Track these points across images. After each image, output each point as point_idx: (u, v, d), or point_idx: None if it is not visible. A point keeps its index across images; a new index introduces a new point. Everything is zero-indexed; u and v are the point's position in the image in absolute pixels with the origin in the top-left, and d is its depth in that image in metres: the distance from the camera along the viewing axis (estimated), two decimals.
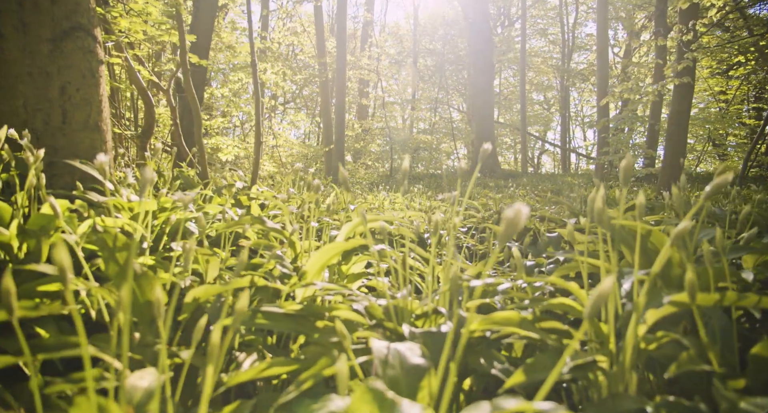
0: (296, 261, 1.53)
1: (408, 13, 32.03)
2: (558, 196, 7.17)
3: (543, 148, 28.98)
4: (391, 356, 0.71)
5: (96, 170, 1.83)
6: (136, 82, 3.24)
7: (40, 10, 1.75)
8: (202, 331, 0.65)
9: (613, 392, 0.81)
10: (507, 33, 24.97)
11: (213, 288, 1.02)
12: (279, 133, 16.76)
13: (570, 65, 22.44)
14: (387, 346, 0.73)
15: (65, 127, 1.86)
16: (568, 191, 7.31)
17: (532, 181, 12.01)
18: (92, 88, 1.88)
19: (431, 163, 19.15)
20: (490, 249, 2.15)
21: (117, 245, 1.00)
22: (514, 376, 0.70)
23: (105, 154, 1.97)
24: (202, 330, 0.67)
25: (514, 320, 0.82)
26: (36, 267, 0.93)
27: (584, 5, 22.50)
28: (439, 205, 4.00)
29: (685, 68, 5.23)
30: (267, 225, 1.44)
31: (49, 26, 1.77)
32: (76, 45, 1.82)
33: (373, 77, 17.92)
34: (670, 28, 10.29)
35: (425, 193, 6.81)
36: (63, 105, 1.83)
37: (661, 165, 6.60)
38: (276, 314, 0.97)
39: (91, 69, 1.87)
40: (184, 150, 3.33)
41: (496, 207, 3.75)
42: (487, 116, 15.34)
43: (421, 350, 0.74)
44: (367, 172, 14.64)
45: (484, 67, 15.13)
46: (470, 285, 1.09)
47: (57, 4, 1.76)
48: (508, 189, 8.98)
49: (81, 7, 1.82)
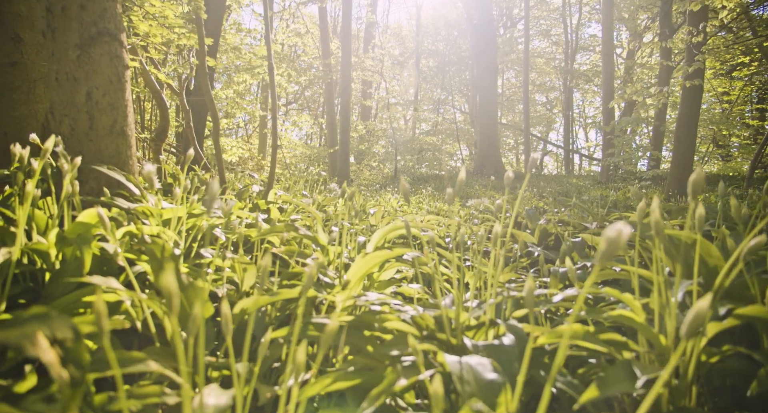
0: (328, 267, 1.52)
1: (411, 14, 32.03)
2: (567, 198, 7.16)
3: (545, 149, 28.95)
4: (465, 371, 0.71)
5: (122, 175, 1.83)
6: (150, 84, 3.23)
7: (69, 15, 1.74)
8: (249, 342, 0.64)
9: (678, 406, 0.80)
10: (509, 34, 24.98)
11: (263, 299, 1.01)
12: (282, 134, 16.77)
13: (573, 66, 22.42)
14: (459, 361, 0.73)
15: (92, 133, 1.85)
16: (575, 193, 7.30)
17: (535, 182, 12.00)
18: (118, 92, 1.88)
19: (434, 164, 19.14)
20: (516, 255, 2.14)
21: (165, 255, 0.99)
22: (588, 391, 0.70)
23: (131, 160, 1.97)
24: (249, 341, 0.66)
25: (579, 333, 0.81)
26: (89, 280, 0.92)
27: (587, 6, 22.49)
28: (455, 210, 3.99)
29: (695, 70, 5.22)
30: (301, 233, 1.43)
31: (77, 31, 1.76)
32: (103, 50, 1.82)
33: (376, 78, 17.92)
34: (675, 29, 10.28)
35: (433, 194, 6.80)
36: (90, 110, 1.83)
37: (670, 166, 6.58)
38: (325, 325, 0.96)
39: (117, 74, 1.86)
40: (198, 153, 3.32)
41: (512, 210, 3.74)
42: (491, 117, 15.33)
43: (492, 365, 0.73)
44: (371, 174, 14.63)
45: (487, 69, 15.12)
46: (512, 295, 1.08)
47: (85, 10, 1.75)
48: (514, 190, 8.96)
49: (108, 12, 1.81)
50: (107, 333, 0.52)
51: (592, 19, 22.66)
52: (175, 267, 0.99)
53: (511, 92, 28.10)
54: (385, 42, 23.01)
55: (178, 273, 1.01)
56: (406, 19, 34.65)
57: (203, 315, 1.02)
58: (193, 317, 0.61)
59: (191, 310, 1.02)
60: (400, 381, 0.77)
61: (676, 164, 6.40)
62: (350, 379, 0.80)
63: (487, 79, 15.25)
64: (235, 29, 11.89)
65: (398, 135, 17.66)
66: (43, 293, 1.22)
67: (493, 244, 1.23)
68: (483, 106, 15.30)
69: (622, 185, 8.72)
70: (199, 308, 0.66)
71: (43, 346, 0.48)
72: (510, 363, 0.78)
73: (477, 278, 1.70)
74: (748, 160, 17.50)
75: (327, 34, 12.65)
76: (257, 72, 11.14)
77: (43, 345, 0.48)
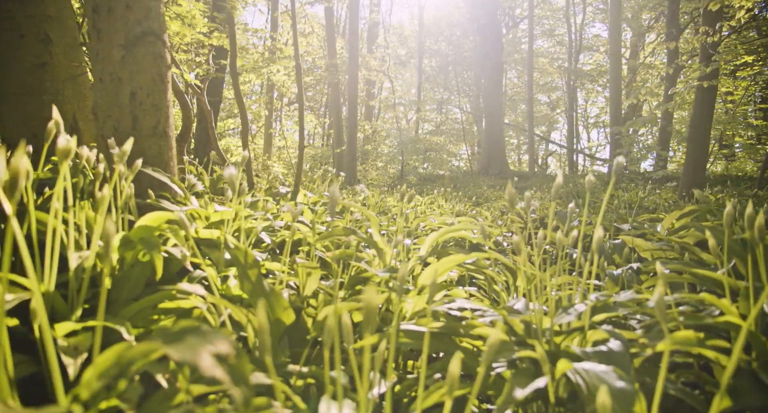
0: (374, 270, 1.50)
1: (413, 14, 32.03)
2: (578, 198, 7.14)
3: (547, 149, 28.95)
4: (594, 379, 0.69)
5: (167, 177, 1.81)
6: (174, 84, 3.20)
7: (115, 15, 1.72)
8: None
9: None
10: (512, 34, 24.98)
11: (347, 305, 0.99)
12: (286, 134, 16.75)
13: (577, 66, 22.41)
14: (584, 369, 0.71)
15: (135, 133, 1.83)
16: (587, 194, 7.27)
17: (543, 182, 11.98)
18: (161, 93, 1.86)
19: (438, 164, 19.13)
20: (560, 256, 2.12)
21: (249, 261, 0.97)
22: (721, 401, 0.68)
23: (172, 161, 1.95)
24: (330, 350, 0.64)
25: (692, 339, 0.79)
26: (179, 287, 0.90)
27: (591, 6, 22.48)
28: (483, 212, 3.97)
29: (712, 71, 5.21)
30: (360, 236, 1.41)
31: (122, 32, 1.74)
32: (147, 50, 1.80)
33: (380, 78, 17.90)
34: (682, 29, 10.27)
35: (444, 195, 6.78)
36: (133, 111, 1.81)
37: (683, 167, 6.56)
38: (419, 333, 0.95)
39: (160, 74, 1.85)
40: (221, 155, 3.29)
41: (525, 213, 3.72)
42: (496, 117, 15.32)
43: (616, 373, 0.71)
44: (377, 174, 14.62)
45: (492, 70, 15.12)
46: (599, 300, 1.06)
47: (131, 10, 1.73)
48: (521, 191, 8.94)
49: (152, 11, 1.79)
50: (269, 350, 0.50)
51: (596, 18, 22.65)
52: (258, 274, 0.97)
53: (513, 92, 28.10)
54: (388, 42, 22.99)
55: (260, 279, 0.99)
56: (408, 19, 34.64)
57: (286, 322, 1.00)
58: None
59: (274, 316, 1.00)
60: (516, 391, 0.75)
61: (689, 165, 6.39)
62: (462, 388, 0.78)
63: (493, 79, 15.24)
64: (242, 29, 11.86)
65: (403, 135, 17.65)
66: (110, 298, 1.20)
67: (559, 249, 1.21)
68: (488, 106, 15.29)
69: (632, 185, 8.70)
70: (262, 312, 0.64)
71: (210, 364, 0.46)
72: (626, 370, 0.76)
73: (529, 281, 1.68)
74: (751, 160, 17.51)
75: (333, 34, 12.63)
76: (263, 72, 11.11)
77: (210, 362, 0.46)
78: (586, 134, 31.01)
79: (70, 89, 2.79)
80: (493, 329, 0.98)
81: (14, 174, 0.48)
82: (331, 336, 0.63)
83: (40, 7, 2.59)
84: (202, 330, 0.50)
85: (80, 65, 2.77)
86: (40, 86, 2.63)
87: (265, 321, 0.48)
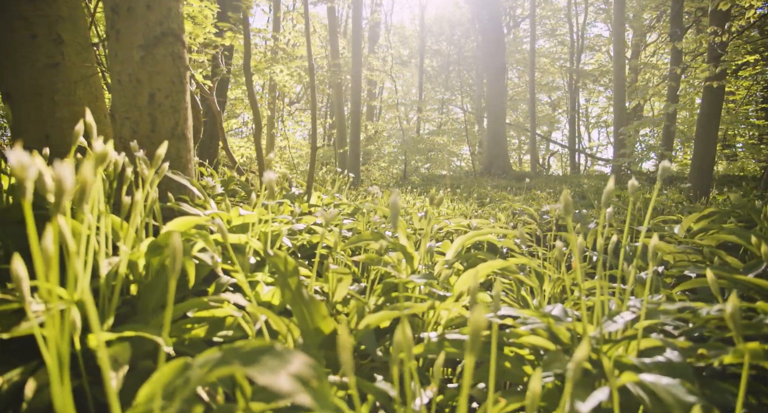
0: (410, 276, 1.48)
1: (414, 14, 32.01)
2: (585, 199, 7.12)
3: (549, 149, 28.92)
4: (662, 392, 0.66)
5: (186, 180, 1.78)
6: None
7: (135, 16, 1.70)
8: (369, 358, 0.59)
9: None
10: (513, 34, 24.96)
11: (388, 314, 0.96)
12: (288, 134, 16.71)
13: (579, 66, 22.39)
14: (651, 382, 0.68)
15: (153, 136, 1.80)
16: (593, 194, 7.26)
17: (546, 182, 11.96)
18: (180, 94, 1.83)
19: (441, 164, 19.10)
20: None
21: (289, 269, 0.95)
22: None
23: (190, 163, 1.92)
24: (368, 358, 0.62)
25: (759, 351, 0.77)
26: (222, 298, 0.87)
27: (593, 6, 22.45)
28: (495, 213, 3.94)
29: (720, 71, 5.18)
30: (389, 241, 1.39)
31: (141, 32, 1.72)
32: (167, 51, 1.77)
33: (382, 77, 17.87)
34: (686, 29, 10.25)
35: (451, 195, 6.76)
36: (152, 112, 1.78)
37: (690, 167, 6.54)
38: (463, 341, 0.92)
39: (179, 75, 1.82)
40: (231, 156, 3.27)
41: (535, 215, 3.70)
42: (499, 117, 15.29)
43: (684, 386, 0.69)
44: (381, 174, 14.60)
45: (495, 70, 15.09)
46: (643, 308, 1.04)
47: (151, 10, 1.71)
48: (526, 191, 8.92)
49: (172, 12, 1.76)
50: (352, 370, 0.48)
51: (598, 18, 22.62)
52: (298, 282, 0.94)
53: (514, 92, 28.07)
54: (391, 42, 22.96)
55: (300, 287, 0.97)
56: (409, 19, 34.63)
57: (325, 331, 0.97)
58: (341, 344, 0.56)
59: (313, 325, 0.97)
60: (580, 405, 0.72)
61: (696, 165, 6.37)
62: (519, 401, 0.76)
63: (495, 79, 15.21)
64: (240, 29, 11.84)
65: (405, 135, 17.62)
66: (138, 305, 1.18)
67: (600, 253, 1.19)
68: (490, 106, 15.27)
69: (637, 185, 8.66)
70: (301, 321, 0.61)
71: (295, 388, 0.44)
72: (691, 382, 0.74)
73: (556, 285, 1.65)
74: (753, 160, 17.48)
75: (336, 34, 12.60)
76: (265, 72, 11.09)
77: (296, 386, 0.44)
78: (587, 134, 30.99)
79: (81, 90, 2.76)
80: (539, 338, 0.96)
81: (83, 184, 0.45)
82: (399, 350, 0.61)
83: (53, 7, 2.55)
84: (276, 350, 0.47)
85: (92, 66, 2.74)
86: (53, 87, 2.60)
87: (346, 340, 0.46)
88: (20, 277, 0.52)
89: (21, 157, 0.49)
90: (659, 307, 0.93)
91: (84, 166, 0.45)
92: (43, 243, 0.51)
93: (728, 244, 2.39)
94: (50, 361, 0.52)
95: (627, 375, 0.70)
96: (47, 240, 0.53)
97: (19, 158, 0.49)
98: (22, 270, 0.52)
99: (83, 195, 0.44)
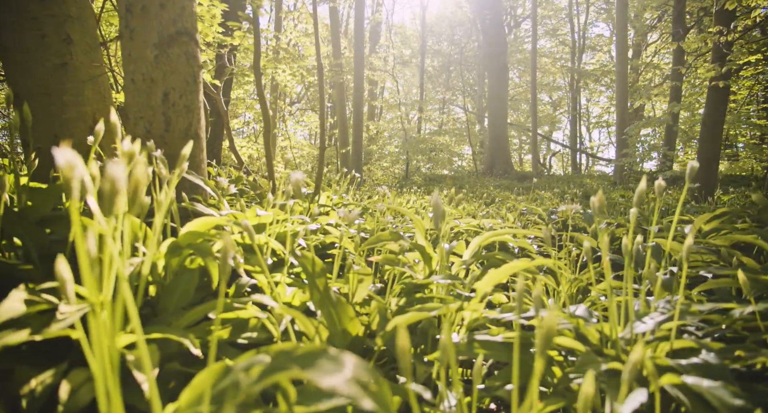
0: (432, 277, 1.47)
1: (415, 14, 32.01)
2: (585, 199, 7.11)
3: (550, 149, 28.91)
4: (709, 395, 0.65)
5: (200, 180, 1.77)
6: None
7: (149, 14, 1.69)
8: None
9: None
10: (514, 34, 24.95)
11: (417, 315, 0.95)
12: (290, 134, 16.69)
13: (580, 66, 22.39)
14: (695, 384, 0.67)
15: (167, 135, 1.79)
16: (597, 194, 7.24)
17: (549, 182, 11.95)
18: (193, 94, 1.82)
19: (442, 164, 19.09)
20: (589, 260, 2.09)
21: (316, 270, 0.94)
22: None
23: (203, 163, 1.91)
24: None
25: None
26: (261, 300, 0.86)
27: (594, 5, 22.45)
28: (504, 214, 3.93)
29: (726, 71, 5.17)
30: (408, 242, 1.38)
31: (155, 31, 1.71)
32: (180, 50, 1.76)
33: (383, 77, 17.87)
34: (689, 29, 10.24)
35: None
36: (166, 112, 1.77)
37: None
38: (494, 343, 0.91)
39: (193, 74, 1.81)
40: (239, 157, 3.26)
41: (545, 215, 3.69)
42: (501, 117, 15.29)
43: (728, 389, 0.68)
44: (383, 174, 14.59)
45: (497, 70, 15.09)
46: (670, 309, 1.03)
47: (165, 9, 1.70)
48: (528, 191, 8.91)
49: (186, 10, 1.76)
50: (410, 374, 0.47)
51: (600, 18, 22.61)
52: (326, 283, 0.93)
53: (515, 92, 28.06)
54: (393, 42, 22.96)
55: (328, 288, 0.96)
56: (410, 19, 34.64)
57: (352, 332, 0.96)
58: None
59: (340, 326, 0.96)
60: (619, 407, 0.71)
61: (701, 165, 6.36)
62: (556, 403, 0.75)
63: (497, 79, 15.21)
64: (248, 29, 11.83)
65: (407, 135, 17.61)
66: (158, 307, 1.17)
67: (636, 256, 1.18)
68: (492, 106, 15.26)
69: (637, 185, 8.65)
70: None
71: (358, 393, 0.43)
72: (732, 384, 0.73)
73: (573, 286, 1.64)
74: (755, 160, 17.46)
75: (338, 34, 12.60)
76: (267, 72, 11.08)
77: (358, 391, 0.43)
78: (588, 134, 30.98)
79: (90, 90, 2.75)
80: (571, 340, 0.95)
81: (135, 185, 0.44)
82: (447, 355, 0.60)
83: (62, 7, 2.54)
84: (331, 353, 0.47)
85: (100, 66, 2.74)
86: (61, 87, 2.59)
87: (405, 343, 0.45)
88: (65, 279, 0.51)
89: (69, 157, 0.48)
90: (691, 308, 0.92)
91: (138, 167, 0.44)
92: (86, 245, 0.50)
93: (740, 245, 2.38)
94: (95, 367, 0.51)
95: (668, 376, 0.69)
96: (90, 242, 0.52)
97: (67, 157, 0.48)
98: (67, 272, 0.51)
99: (136, 195, 0.43)
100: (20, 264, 1.03)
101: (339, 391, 0.40)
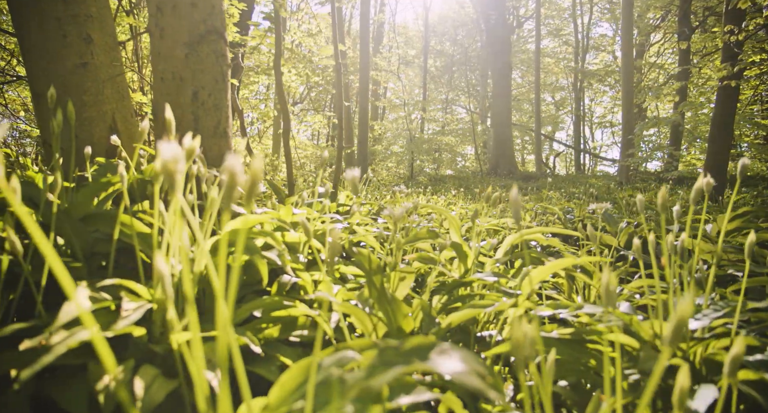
0: (467, 276, 1.47)
1: (417, 14, 32.03)
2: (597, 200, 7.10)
3: (553, 149, 28.89)
4: None
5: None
6: None
7: (180, 14, 1.69)
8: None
9: None
10: (517, 34, 24.93)
11: (470, 312, 0.95)
12: (294, 134, 16.71)
13: (583, 66, 22.37)
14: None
15: (196, 134, 1.79)
16: (605, 194, 7.24)
17: (554, 182, 11.94)
18: (222, 92, 1.82)
19: (447, 164, 19.08)
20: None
21: (373, 267, 0.94)
22: None
23: None
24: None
25: None
26: (325, 298, 0.86)
27: (597, 5, 22.43)
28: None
29: (738, 70, 5.16)
30: (444, 240, 1.38)
31: (186, 30, 1.71)
32: (210, 48, 1.76)
33: (388, 77, 17.87)
34: (695, 29, 10.23)
35: (463, 195, 6.74)
36: (195, 111, 1.77)
37: (703, 167, 6.52)
38: (550, 339, 0.91)
39: (222, 73, 1.81)
40: (253, 155, 3.26)
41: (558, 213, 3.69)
42: (505, 117, 15.28)
43: None
44: (388, 174, 14.60)
45: (502, 70, 15.08)
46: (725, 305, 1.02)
47: (196, 8, 1.70)
48: (535, 191, 8.91)
49: (216, 9, 1.75)
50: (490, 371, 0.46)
51: (603, 18, 22.59)
52: (382, 280, 0.93)
53: (518, 92, 28.04)
54: (398, 42, 22.96)
55: (383, 286, 0.96)
56: (413, 20, 34.67)
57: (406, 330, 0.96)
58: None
59: (396, 324, 0.96)
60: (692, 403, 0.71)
61: (709, 164, 6.35)
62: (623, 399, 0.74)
63: (501, 79, 15.20)
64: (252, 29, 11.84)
65: (406, 135, 17.61)
66: (204, 305, 1.17)
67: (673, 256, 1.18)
68: (496, 106, 15.25)
69: (646, 185, 8.65)
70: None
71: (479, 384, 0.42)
72: None
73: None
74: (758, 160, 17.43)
75: (342, 35, 12.60)
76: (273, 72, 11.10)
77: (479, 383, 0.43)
78: (591, 134, 30.95)
79: (109, 89, 2.75)
80: (625, 337, 0.95)
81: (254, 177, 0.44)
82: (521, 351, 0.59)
83: (82, 6, 2.55)
84: (443, 347, 0.46)
85: (120, 65, 2.74)
86: (81, 86, 2.59)
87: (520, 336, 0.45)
88: (163, 274, 0.51)
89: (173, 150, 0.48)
90: (749, 305, 0.91)
91: (255, 160, 0.43)
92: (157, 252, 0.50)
93: (765, 244, 2.38)
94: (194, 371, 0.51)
95: (744, 372, 0.69)
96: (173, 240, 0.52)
97: (172, 151, 0.48)
98: (166, 268, 0.51)
99: (251, 191, 0.43)
100: (71, 262, 1.03)
101: (466, 383, 0.40)
